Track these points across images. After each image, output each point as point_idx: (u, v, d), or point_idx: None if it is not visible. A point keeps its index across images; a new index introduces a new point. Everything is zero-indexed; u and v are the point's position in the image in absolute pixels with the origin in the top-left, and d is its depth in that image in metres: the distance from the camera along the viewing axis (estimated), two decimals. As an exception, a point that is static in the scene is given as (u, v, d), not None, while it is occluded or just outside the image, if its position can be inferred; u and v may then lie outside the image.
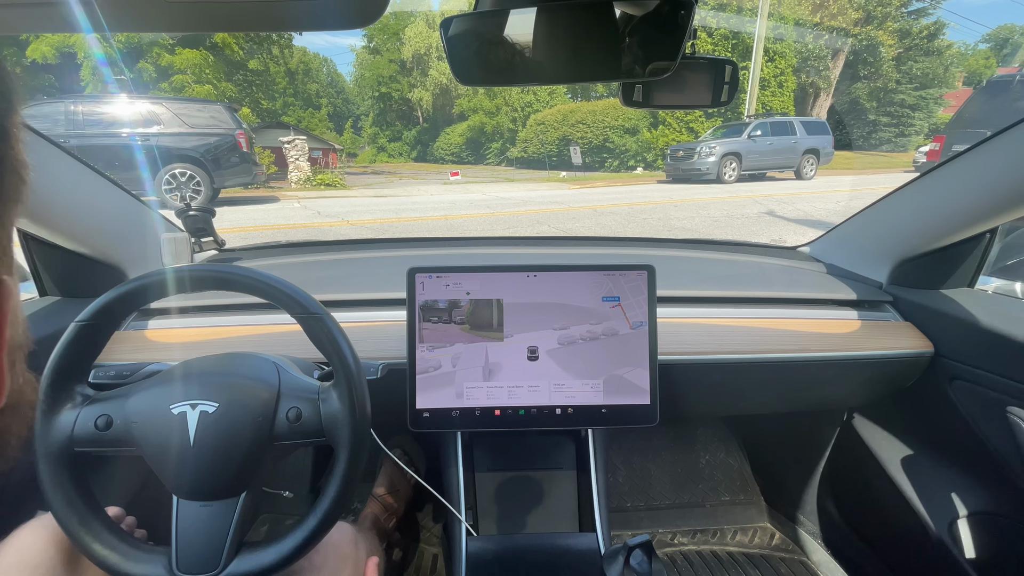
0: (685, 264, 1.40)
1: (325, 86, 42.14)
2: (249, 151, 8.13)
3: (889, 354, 1.08)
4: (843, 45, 19.94)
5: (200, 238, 1.28)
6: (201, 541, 0.62)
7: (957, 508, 1.06)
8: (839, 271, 1.33)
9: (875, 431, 1.27)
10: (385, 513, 1.40)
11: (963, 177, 0.98)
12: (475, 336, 0.94)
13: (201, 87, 14.49)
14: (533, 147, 21.86)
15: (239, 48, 16.48)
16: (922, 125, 21.28)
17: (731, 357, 1.05)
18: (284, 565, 0.63)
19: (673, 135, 17.05)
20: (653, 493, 1.67)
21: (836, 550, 1.41)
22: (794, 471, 1.53)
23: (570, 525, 1.04)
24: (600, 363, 0.95)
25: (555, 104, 23.79)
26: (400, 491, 1.45)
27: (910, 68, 20.99)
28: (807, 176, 12.18)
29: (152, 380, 0.67)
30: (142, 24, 0.59)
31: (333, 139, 29.52)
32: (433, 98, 30.14)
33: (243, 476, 0.64)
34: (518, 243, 1.65)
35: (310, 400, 0.66)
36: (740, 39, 16.19)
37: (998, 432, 0.96)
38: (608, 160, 19.35)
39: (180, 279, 0.66)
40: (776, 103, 17.01)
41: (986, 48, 31.82)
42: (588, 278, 0.94)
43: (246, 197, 9.76)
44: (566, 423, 0.95)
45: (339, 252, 1.50)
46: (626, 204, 8.53)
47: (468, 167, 23.87)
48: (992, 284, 1.17)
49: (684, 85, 0.76)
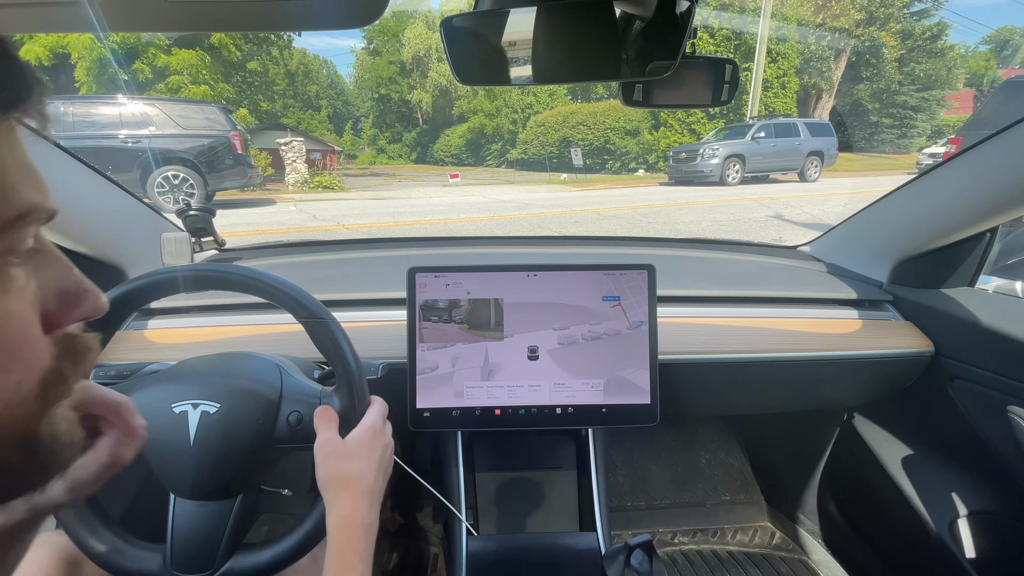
0: (685, 264, 1.39)
1: (325, 88, 42.20)
2: (244, 153, 8.08)
3: (889, 353, 1.08)
4: (846, 46, 19.96)
5: (200, 238, 1.28)
6: (197, 540, 0.62)
7: (957, 508, 1.05)
8: (839, 270, 1.33)
9: (875, 431, 1.27)
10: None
11: (963, 176, 0.98)
12: (475, 336, 0.94)
13: (198, 88, 14.44)
14: (533, 149, 21.87)
15: (237, 49, 16.45)
16: (924, 127, 21.28)
17: (731, 357, 1.05)
18: (279, 567, 0.63)
19: (675, 137, 17.04)
20: (653, 492, 1.67)
21: (836, 550, 1.40)
22: (794, 471, 1.53)
23: (570, 525, 1.04)
24: (600, 363, 0.94)
25: (555, 105, 23.79)
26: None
27: (912, 69, 21.00)
28: (811, 178, 12.17)
29: (154, 378, 0.67)
30: (141, 24, 0.60)
31: (333, 141, 29.52)
32: (433, 100, 30.15)
33: (241, 477, 0.64)
34: (518, 242, 1.65)
35: (312, 404, 0.66)
36: (743, 40, 16.20)
37: (998, 431, 0.96)
38: (609, 162, 19.35)
39: (185, 278, 0.66)
40: (779, 104, 17.01)
41: (986, 50, 31.82)
42: (588, 278, 0.94)
43: (241, 200, 9.72)
44: (566, 423, 0.95)
45: (339, 252, 1.50)
46: (629, 207, 8.49)
47: (468, 169, 23.86)
48: (992, 283, 1.17)
49: (684, 84, 0.76)
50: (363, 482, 0.63)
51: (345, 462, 0.63)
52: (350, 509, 0.60)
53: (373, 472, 0.64)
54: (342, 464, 0.62)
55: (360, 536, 0.60)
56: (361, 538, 0.60)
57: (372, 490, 0.63)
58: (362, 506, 0.61)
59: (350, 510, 0.60)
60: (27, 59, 0.27)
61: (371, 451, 0.65)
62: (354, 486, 0.62)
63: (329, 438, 0.63)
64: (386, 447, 0.68)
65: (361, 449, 0.64)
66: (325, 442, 0.63)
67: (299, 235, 6.14)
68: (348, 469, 0.62)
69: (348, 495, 0.61)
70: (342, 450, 0.63)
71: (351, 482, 0.62)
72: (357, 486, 0.62)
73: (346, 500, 0.61)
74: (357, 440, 0.64)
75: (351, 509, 0.60)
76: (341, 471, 0.62)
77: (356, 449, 0.64)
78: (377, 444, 0.66)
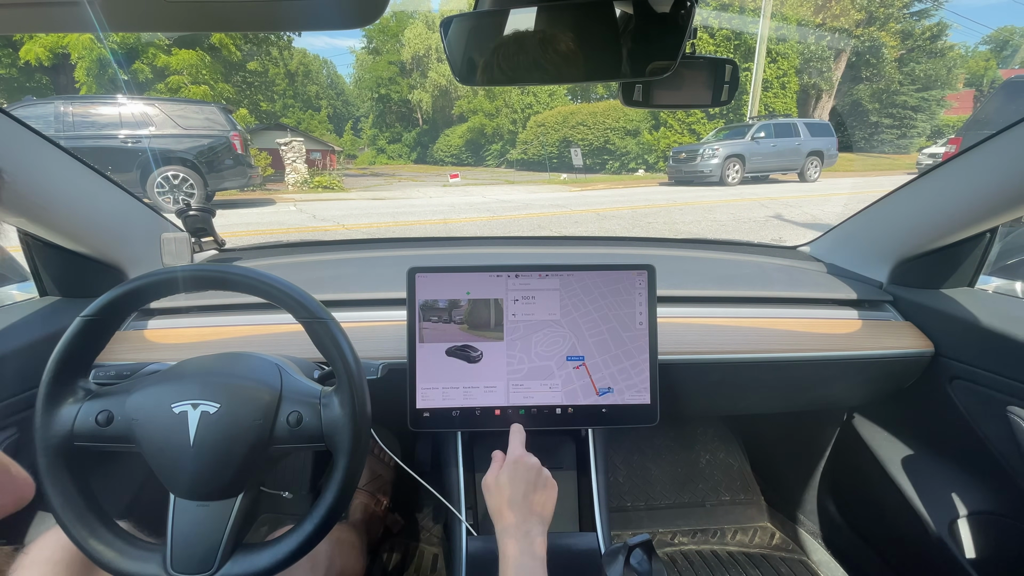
0: (685, 264, 1.39)
1: (325, 88, 42.24)
2: (244, 153, 8.07)
3: (889, 354, 1.08)
4: (845, 46, 19.96)
5: (200, 238, 1.28)
6: (197, 541, 0.62)
7: (957, 508, 1.05)
8: (839, 271, 1.33)
9: (875, 431, 1.27)
10: (374, 500, 1.42)
11: (963, 176, 0.98)
12: (475, 336, 0.94)
13: (198, 88, 14.43)
14: (533, 149, 21.87)
15: (237, 49, 16.45)
16: (924, 127, 21.29)
17: (731, 357, 1.05)
18: (279, 568, 0.62)
19: (675, 137, 17.02)
20: (653, 493, 1.67)
21: (836, 550, 1.40)
22: (794, 471, 1.53)
23: (570, 525, 1.03)
24: (601, 363, 0.94)
25: (555, 106, 23.79)
26: (382, 475, 1.49)
27: (912, 69, 21.01)
28: (811, 178, 12.17)
29: (154, 378, 0.67)
30: (141, 24, 0.60)
31: (333, 141, 29.53)
32: (433, 100, 30.17)
33: (241, 477, 0.64)
34: (518, 243, 1.65)
35: (311, 405, 0.66)
36: (743, 40, 16.19)
37: (998, 432, 0.96)
38: (609, 162, 19.35)
39: (185, 278, 0.66)
40: (779, 104, 17.00)
41: (986, 50, 31.84)
42: (588, 278, 0.94)
43: (241, 200, 9.71)
44: (566, 423, 0.95)
45: (339, 252, 1.50)
46: (629, 207, 8.48)
47: (468, 169, 23.86)
48: (992, 283, 1.17)
49: (684, 85, 0.76)
50: (517, 518, 0.72)
51: (493, 496, 0.76)
52: (507, 524, 0.71)
53: (525, 495, 0.75)
54: (492, 498, 0.75)
55: (520, 540, 0.69)
56: (521, 543, 0.69)
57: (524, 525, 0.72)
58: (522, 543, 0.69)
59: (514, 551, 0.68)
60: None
61: (514, 479, 0.75)
62: (507, 508, 0.73)
63: (491, 472, 0.78)
64: (529, 467, 0.78)
65: (507, 479, 0.76)
66: (486, 478, 0.78)
67: (299, 235, 6.13)
68: (496, 501, 0.75)
69: (503, 516, 0.72)
70: (491, 484, 0.76)
71: (503, 509, 0.73)
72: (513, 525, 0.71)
73: (505, 519, 0.72)
74: (502, 473, 0.76)
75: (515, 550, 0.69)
76: (492, 504, 0.75)
77: (501, 481, 0.76)
78: (520, 469, 0.76)
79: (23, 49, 12.96)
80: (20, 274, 1.32)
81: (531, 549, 0.68)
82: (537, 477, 0.77)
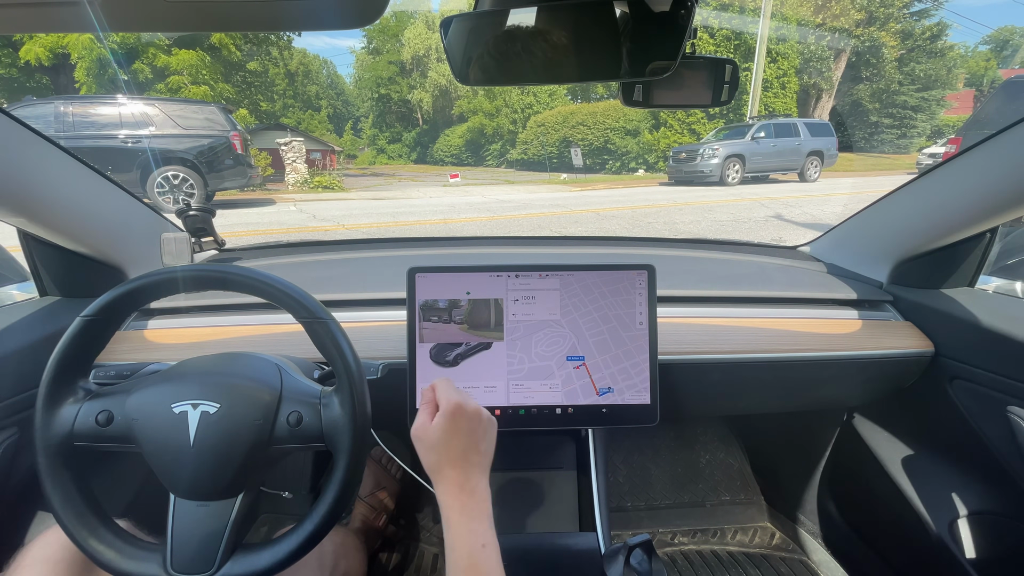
0: (685, 264, 1.39)
1: (325, 88, 42.25)
2: (244, 153, 8.07)
3: (889, 354, 1.08)
4: (845, 46, 19.95)
5: (200, 238, 1.28)
6: (197, 541, 0.62)
7: (957, 508, 1.05)
8: (839, 271, 1.33)
9: (875, 431, 1.27)
10: (374, 512, 1.40)
11: (963, 176, 0.98)
12: (475, 336, 0.94)
13: (198, 88, 14.44)
14: (533, 149, 21.87)
15: (237, 49, 16.46)
16: (924, 127, 21.29)
17: (731, 357, 1.05)
18: (279, 568, 0.62)
19: (675, 137, 17.02)
20: (653, 493, 1.67)
21: (836, 550, 1.40)
22: (794, 471, 1.53)
23: (570, 525, 1.03)
24: (600, 363, 0.94)
25: (555, 106, 23.80)
26: (387, 488, 1.47)
27: (912, 69, 21.00)
28: (811, 178, 12.17)
29: (154, 378, 0.67)
30: (141, 24, 0.60)
31: (333, 141, 29.52)
32: (433, 100, 30.16)
33: (241, 477, 0.64)
34: (518, 243, 1.65)
35: (311, 405, 0.66)
36: (743, 40, 16.18)
37: (998, 432, 0.96)
38: (609, 162, 19.34)
39: (185, 278, 0.66)
40: (779, 104, 17.00)
41: (986, 50, 31.84)
42: (588, 278, 0.94)
43: (241, 200, 9.71)
44: (566, 423, 0.95)
45: (339, 252, 1.50)
46: (629, 207, 8.48)
47: (468, 169, 23.86)
48: (993, 283, 1.17)
49: (684, 84, 0.76)
50: (455, 458, 0.65)
51: (432, 451, 0.65)
52: (449, 484, 0.64)
53: (466, 449, 0.66)
54: (429, 454, 0.65)
55: (465, 501, 0.63)
56: (466, 503, 0.63)
57: (468, 462, 0.66)
58: (462, 475, 0.64)
59: (449, 485, 0.64)
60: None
61: (455, 432, 0.65)
62: (447, 466, 0.65)
63: (421, 423, 0.66)
64: (470, 416, 0.67)
65: (446, 433, 0.65)
66: (417, 428, 0.66)
67: (299, 235, 6.13)
68: (435, 457, 0.65)
69: (444, 476, 0.64)
70: (426, 437, 0.65)
71: (443, 466, 0.65)
72: (451, 464, 0.65)
73: (447, 479, 0.64)
74: (439, 426, 0.65)
75: (449, 485, 0.64)
76: (429, 461, 0.65)
77: (439, 435, 0.65)
78: (461, 420, 0.66)
79: (23, 49, 12.97)
80: (20, 274, 1.32)
81: (477, 507, 0.63)
82: (479, 425, 0.67)
